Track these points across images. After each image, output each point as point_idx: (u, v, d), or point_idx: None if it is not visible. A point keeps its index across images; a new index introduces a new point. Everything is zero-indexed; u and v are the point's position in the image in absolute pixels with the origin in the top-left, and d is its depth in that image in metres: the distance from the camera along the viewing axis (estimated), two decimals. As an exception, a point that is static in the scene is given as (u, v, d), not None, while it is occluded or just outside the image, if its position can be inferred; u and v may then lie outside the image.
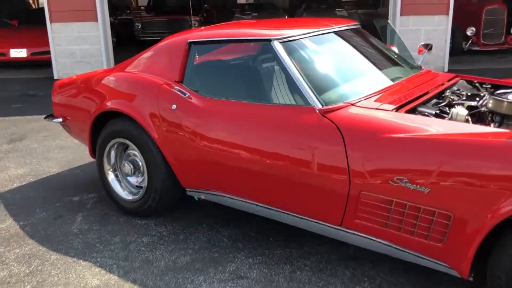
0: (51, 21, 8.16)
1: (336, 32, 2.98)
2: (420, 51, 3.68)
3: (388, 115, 2.24)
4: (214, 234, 2.91)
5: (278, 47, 2.58)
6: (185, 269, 2.54)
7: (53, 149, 4.65)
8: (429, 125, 2.10)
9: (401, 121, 2.17)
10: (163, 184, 2.97)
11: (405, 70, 3.09)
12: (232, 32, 2.92)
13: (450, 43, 9.24)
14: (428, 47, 3.70)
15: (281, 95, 2.59)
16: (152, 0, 13.92)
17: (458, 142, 1.92)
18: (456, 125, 2.12)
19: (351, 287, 2.34)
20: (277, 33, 2.68)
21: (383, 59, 3.09)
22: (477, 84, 2.99)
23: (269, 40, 2.62)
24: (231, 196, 2.71)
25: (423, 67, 3.32)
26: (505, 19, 9.82)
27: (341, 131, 2.23)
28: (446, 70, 8.19)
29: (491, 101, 2.40)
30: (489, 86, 2.90)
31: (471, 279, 1.97)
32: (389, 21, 7.37)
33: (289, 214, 2.50)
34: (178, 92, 2.81)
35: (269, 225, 2.93)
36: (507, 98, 2.35)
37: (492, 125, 2.37)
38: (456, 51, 9.69)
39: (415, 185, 1.98)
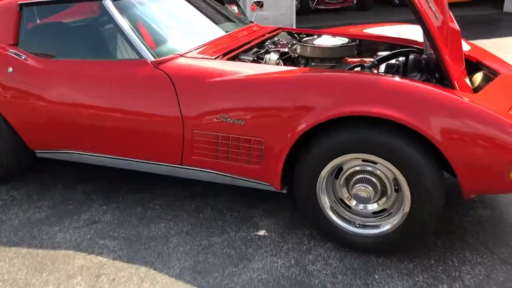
0: None
1: (170, -9, 3.21)
2: (253, 9, 4.07)
3: (211, 63, 2.57)
4: (69, 191, 3.04)
5: (109, 5, 2.73)
6: (40, 223, 2.67)
7: None
8: (244, 69, 2.46)
9: (221, 67, 2.50)
10: (10, 148, 3.00)
11: (236, 25, 3.44)
12: (64, -7, 2.99)
13: (298, 2, 10.00)
14: (259, 4, 4.09)
15: (116, 51, 2.76)
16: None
17: (262, 81, 2.32)
18: (266, 67, 2.52)
19: (195, 216, 2.69)
20: (108, -7, 2.82)
21: (215, 15, 3.41)
22: (295, 35, 3.46)
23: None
24: (80, 152, 2.86)
25: (254, 22, 3.71)
26: (343, -21, 10.85)
27: (172, 80, 2.50)
28: (294, 27, 8.87)
29: (298, 47, 2.86)
30: (304, 35, 3.39)
31: (284, 191, 2.42)
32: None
33: (136, 161, 2.73)
34: (13, 55, 2.83)
35: (122, 176, 3.14)
36: (310, 43, 2.82)
37: (299, 67, 2.83)
38: (304, 11, 10.50)
39: (233, 119, 2.34)
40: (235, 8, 4.83)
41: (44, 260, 2.33)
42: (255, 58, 2.79)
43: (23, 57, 2.82)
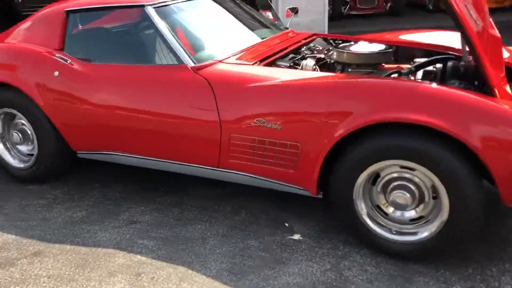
0: None
1: (208, -2, 3.29)
2: (287, 15, 4.10)
3: (249, 68, 2.62)
4: (108, 191, 3.14)
5: (151, 12, 2.82)
6: (81, 222, 2.77)
7: None
8: (281, 75, 2.50)
9: (259, 73, 2.55)
10: (54, 149, 3.12)
11: (272, 31, 3.49)
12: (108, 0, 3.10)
13: (330, 8, 9.98)
14: (294, 10, 4.12)
15: (158, 57, 2.84)
16: (31, -29, 13.04)
17: (299, 86, 2.35)
18: (302, 73, 2.55)
19: (231, 218, 2.74)
20: None
21: (251, 22, 3.47)
22: (331, 41, 3.48)
23: (143, 6, 2.85)
24: (121, 154, 2.95)
25: (289, 28, 3.74)
26: (376, -16, 10.79)
27: (211, 85, 2.56)
28: (326, 33, 8.85)
29: (335, 53, 2.88)
30: (340, 41, 3.40)
31: (320, 196, 2.44)
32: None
33: (174, 163, 2.80)
34: (59, 59, 2.95)
35: (158, 177, 3.22)
36: (347, 50, 2.84)
37: (336, 73, 2.85)
38: (336, 16, 10.47)
39: (270, 124, 2.38)
40: (269, 13, 4.88)
41: (86, 257, 2.42)
42: (292, 64, 2.83)
43: (68, 62, 2.94)
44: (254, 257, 2.35)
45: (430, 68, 2.82)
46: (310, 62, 2.78)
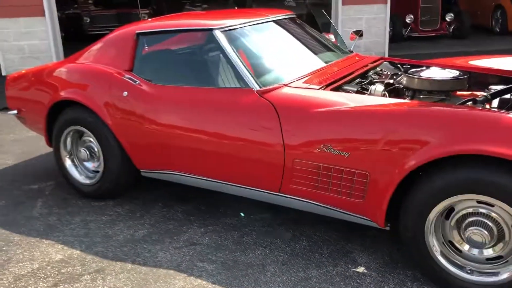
0: (-4, 17, 8.04)
1: (273, 21, 3.29)
2: (352, 38, 4.04)
3: (315, 93, 2.57)
4: (169, 210, 3.17)
5: (219, 35, 2.86)
6: (142, 241, 2.79)
7: (7, 142, 4.73)
8: (349, 100, 2.43)
9: (326, 98, 2.49)
10: (119, 167, 3.19)
11: (337, 54, 3.43)
12: (177, 23, 3.17)
13: (391, 30, 9.82)
14: (359, 33, 4.05)
15: (223, 80, 2.86)
16: (100, -6, 13.76)
17: (370, 112, 2.27)
18: (371, 99, 2.47)
19: (291, 245, 2.67)
20: (218, 23, 2.95)
21: (316, 45, 3.43)
22: (398, 65, 3.38)
23: (211, 30, 2.89)
24: (183, 174, 2.97)
25: (354, 52, 3.68)
26: (439, 6, 10.49)
27: (276, 109, 2.53)
28: (386, 55, 8.69)
29: (404, 78, 2.78)
30: (408, 66, 3.29)
31: (388, 228, 2.33)
32: (324, 10, 7.73)
33: (234, 186, 2.78)
34: (129, 80, 3.03)
35: (218, 198, 3.21)
36: (418, 75, 2.73)
37: (406, 99, 2.74)
38: (397, 38, 10.26)
39: (337, 151, 2.31)
40: (331, 36, 4.84)
41: (147, 278, 2.42)
42: (359, 89, 2.75)
43: (137, 82, 3.01)
44: (316, 289, 2.27)
45: (508, 96, 2.65)
46: (379, 87, 2.69)
